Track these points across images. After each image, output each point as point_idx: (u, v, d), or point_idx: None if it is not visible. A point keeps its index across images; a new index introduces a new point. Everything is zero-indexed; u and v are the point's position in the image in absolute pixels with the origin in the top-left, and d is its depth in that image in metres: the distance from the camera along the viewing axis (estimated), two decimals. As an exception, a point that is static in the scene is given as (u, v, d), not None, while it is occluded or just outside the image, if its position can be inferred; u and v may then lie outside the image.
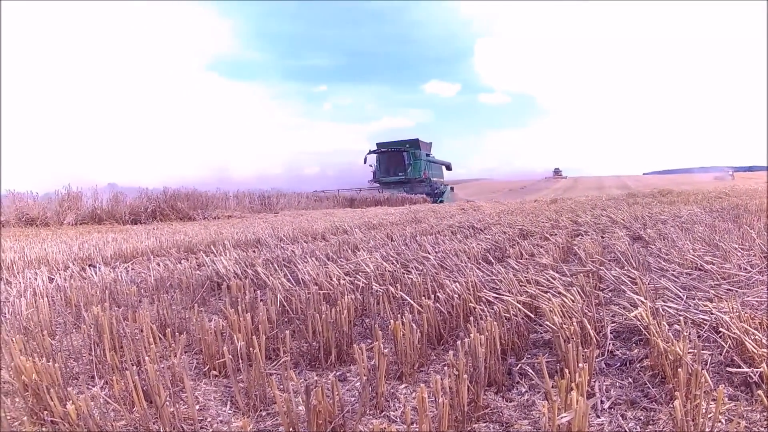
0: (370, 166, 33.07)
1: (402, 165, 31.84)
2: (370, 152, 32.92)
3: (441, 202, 27.99)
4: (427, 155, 33.55)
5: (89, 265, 4.47)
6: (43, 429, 1.57)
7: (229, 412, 1.70)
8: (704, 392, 1.41)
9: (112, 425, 1.49)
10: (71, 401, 1.41)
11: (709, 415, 1.37)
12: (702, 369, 1.45)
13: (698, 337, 1.96)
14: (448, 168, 37.87)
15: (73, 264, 4.39)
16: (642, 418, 1.51)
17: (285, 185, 25.33)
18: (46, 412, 1.58)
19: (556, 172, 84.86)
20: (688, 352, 1.60)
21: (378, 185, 31.79)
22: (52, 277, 3.78)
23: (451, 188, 35.72)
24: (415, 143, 32.82)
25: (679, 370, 1.46)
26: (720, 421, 1.42)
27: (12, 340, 1.91)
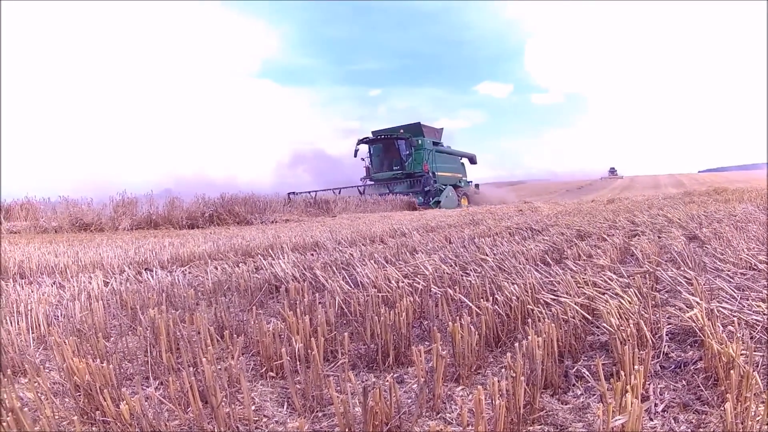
0: (362, 159, 26.42)
1: (398, 157, 25.26)
2: (360, 142, 26.03)
3: (437, 204, 22.09)
4: (435, 143, 26.67)
5: (145, 269, 4.57)
6: (94, 429, 1.61)
7: (286, 412, 1.73)
8: (754, 394, 1.40)
9: (166, 425, 1.52)
10: (125, 401, 1.45)
11: (757, 418, 1.35)
12: (753, 371, 1.43)
13: (751, 338, 1.92)
14: (472, 161, 30.96)
15: (129, 268, 4.51)
16: (694, 421, 1.51)
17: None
18: (98, 412, 1.63)
19: (612, 171, 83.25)
20: (741, 354, 1.57)
21: (364, 184, 24.99)
22: (107, 280, 3.89)
23: (476, 185, 30.18)
24: (416, 128, 25.82)
25: (732, 372, 1.45)
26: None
27: (65, 342, 1.96)
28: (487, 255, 3.90)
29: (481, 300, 2.40)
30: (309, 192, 21.35)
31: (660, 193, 22.87)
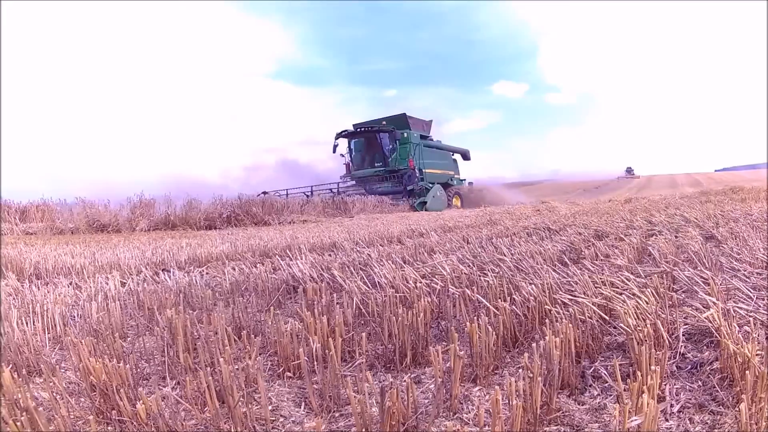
0: (342, 155, 23.59)
1: (380, 152, 22.41)
2: (338, 136, 22.89)
3: (423, 205, 19.64)
4: (424, 137, 23.94)
5: (162, 270, 4.59)
6: (110, 428, 1.63)
7: (302, 412, 1.74)
8: (769, 395, 1.40)
9: (182, 424, 1.53)
10: (141, 401, 1.47)
11: (771, 419, 1.35)
12: (768, 371, 1.42)
13: (767, 338, 1.90)
14: (465, 157, 28.00)
15: (146, 268, 4.52)
16: (709, 422, 1.52)
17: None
18: (114, 412, 1.64)
19: (629, 171, 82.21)
20: (756, 354, 1.57)
21: (342, 182, 22.96)
22: (124, 281, 3.91)
23: (469, 183, 27.46)
24: (401, 120, 23.19)
25: (747, 372, 1.45)
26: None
27: (81, 342, 1.98)
28: (504, 255, 3.89)
29: (499, 300, 2.39)
30: (279, 192, 20.15)
31: (677, 192, 22.65)
